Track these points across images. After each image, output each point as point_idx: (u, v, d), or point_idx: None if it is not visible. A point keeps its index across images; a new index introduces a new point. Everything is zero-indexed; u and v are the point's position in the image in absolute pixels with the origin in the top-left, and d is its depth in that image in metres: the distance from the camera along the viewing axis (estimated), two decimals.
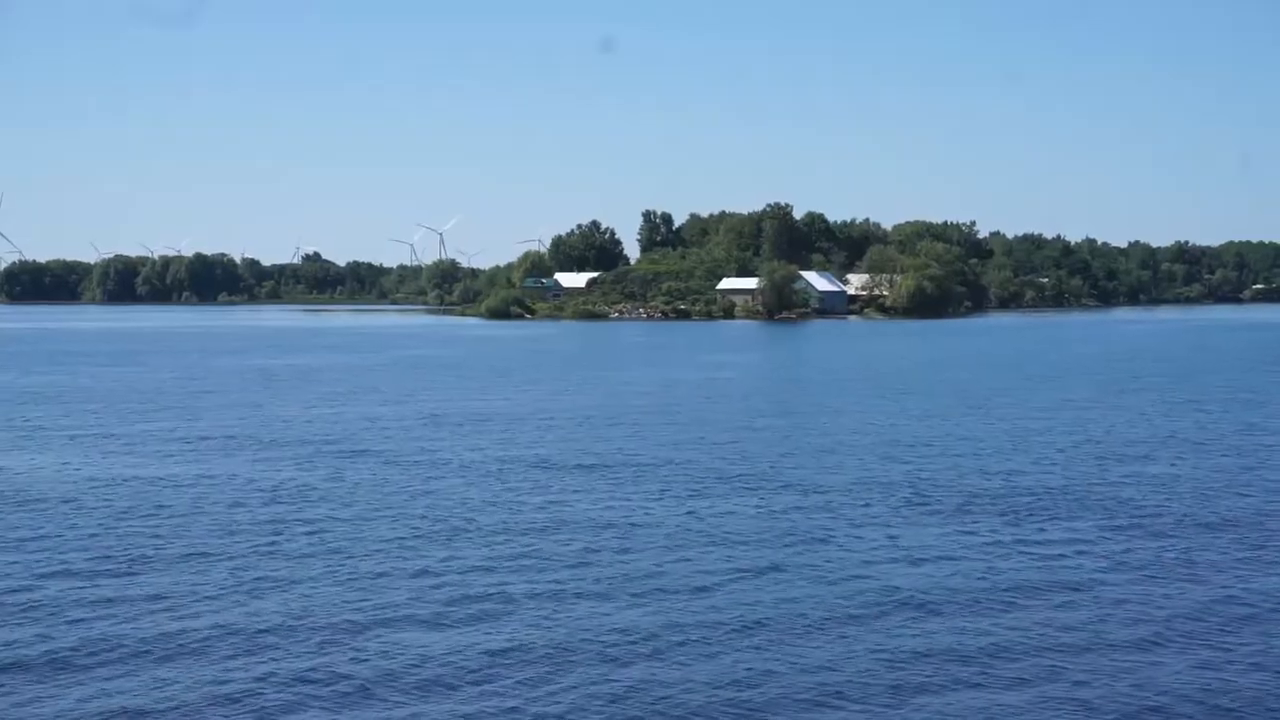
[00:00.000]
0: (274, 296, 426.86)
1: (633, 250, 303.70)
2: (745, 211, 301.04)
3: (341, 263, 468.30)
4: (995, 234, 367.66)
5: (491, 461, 45.28)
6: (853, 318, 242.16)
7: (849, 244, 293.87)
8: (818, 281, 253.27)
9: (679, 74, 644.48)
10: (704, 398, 71.75)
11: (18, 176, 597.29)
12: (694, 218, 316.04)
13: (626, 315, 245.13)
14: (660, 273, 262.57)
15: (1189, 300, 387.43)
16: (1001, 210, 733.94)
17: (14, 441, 51.48)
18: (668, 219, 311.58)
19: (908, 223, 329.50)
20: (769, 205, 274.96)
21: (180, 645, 23.15)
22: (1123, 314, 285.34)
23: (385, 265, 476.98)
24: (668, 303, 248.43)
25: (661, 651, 22.82)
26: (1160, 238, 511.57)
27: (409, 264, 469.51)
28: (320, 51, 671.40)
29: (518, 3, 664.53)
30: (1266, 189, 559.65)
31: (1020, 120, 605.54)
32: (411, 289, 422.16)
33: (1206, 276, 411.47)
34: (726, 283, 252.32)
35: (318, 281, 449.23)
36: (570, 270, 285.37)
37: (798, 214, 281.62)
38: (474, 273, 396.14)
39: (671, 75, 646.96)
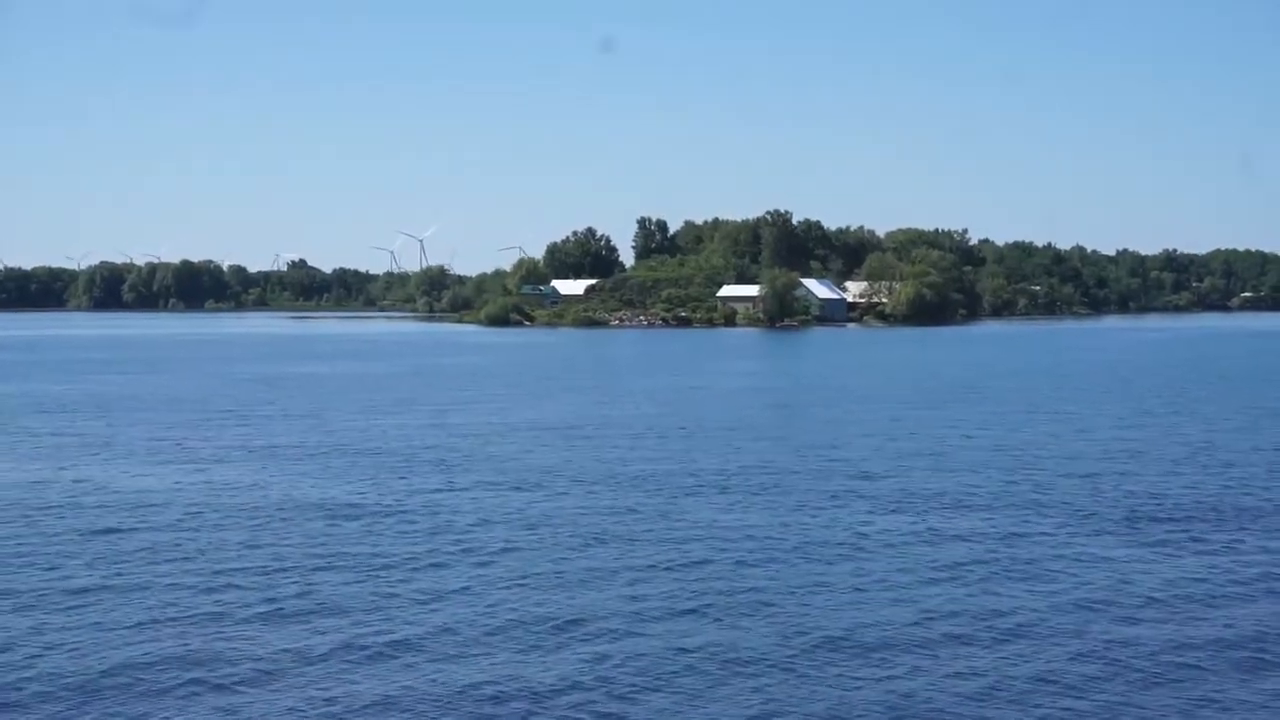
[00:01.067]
0: (260, 303, 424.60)
1: (627, 257, 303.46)
2: (738, 218, 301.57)
3: (327, 270, 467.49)
4: (985, 241, 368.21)
5: (618, 475, 43.86)
6: (852, 325, 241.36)
7: (845, 251, 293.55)
8: (818, 289, 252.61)
9: (669, 78, 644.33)
10: (776, 407, 70.54)
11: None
12: (688, 224, 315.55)
13: (627, 323, 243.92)
14: (659, 280, 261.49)
15: (1178, 308, 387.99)
16: (988, 217, 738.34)
17: (99, 454, 49.95)
18: (663, 225, 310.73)
19: (901, 230, 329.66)
20: (768, 212, 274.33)
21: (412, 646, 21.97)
22: (1117, 322, 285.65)
23: (371, 272, 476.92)
24: (668, 310, 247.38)
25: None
26: (1147, 245, 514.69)
27: (394, 271, 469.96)
28: (301, 57, 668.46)
29: (505, 6, 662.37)
30: (1254, 197, 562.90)
31: (1011, 126, 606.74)
32: (398, 296, 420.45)
33: (1195, 284, 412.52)
34: (727, 290, 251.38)
35: (304, 288, 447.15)
36: (566, 277, 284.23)
37: (792, 221, 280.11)
38: (460, 279, 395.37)
39: (662, 79, 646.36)
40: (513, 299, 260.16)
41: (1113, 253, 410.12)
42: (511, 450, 50.08)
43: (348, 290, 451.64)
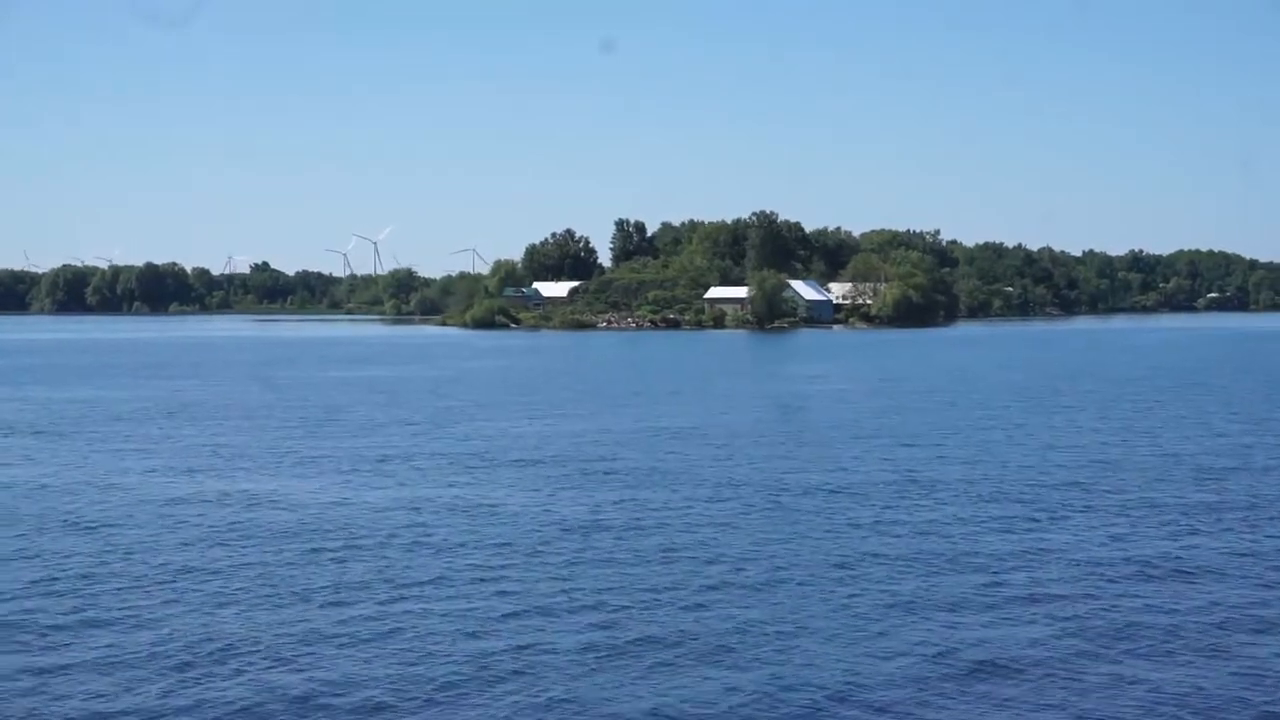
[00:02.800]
0: (225, 306, 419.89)
1: (604, 258, 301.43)
2: (711, 220, 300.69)
3: (290, 272, 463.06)
4: (953, 242, 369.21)
5: (777, 485, 42.20)
6: (838, 327, 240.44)
7: (824, 253, 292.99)
8: (805, 290, 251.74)
9: (634, 81, 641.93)
10: (946, 406, 68.97)
11: None
12: (666, 226, 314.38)
13: (615, 325, 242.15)
14: (644, 282, 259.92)
15: (1146, 309, 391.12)
16: (952, 218, 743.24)
17: (218, 463, 47.73)
18: (640, 227, 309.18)
19: (875, 231, 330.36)
20: (753, 214, 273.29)
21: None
22: (1098, 323, 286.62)
23: (334, 274, 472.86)
24: (655, 312, 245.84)
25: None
26: (1111, 246, 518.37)
27: (355, 274, 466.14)
28: (259, 62, 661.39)
29: (469, 10, 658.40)
30: (1218, 198, 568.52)
31: (975, 126, 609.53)
32: (364, 298, 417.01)
33: (1161, 285, 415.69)
34: (715, 291, 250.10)
35: (267, 291, 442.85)
36: (544, 279, 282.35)
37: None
38: (427, 282, 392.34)
39: (626, 82, 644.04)
40: (498, 302, 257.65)
41: (1079, 253, 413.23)
42: (691, 457, 48.21)
43: (311, 293, 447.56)
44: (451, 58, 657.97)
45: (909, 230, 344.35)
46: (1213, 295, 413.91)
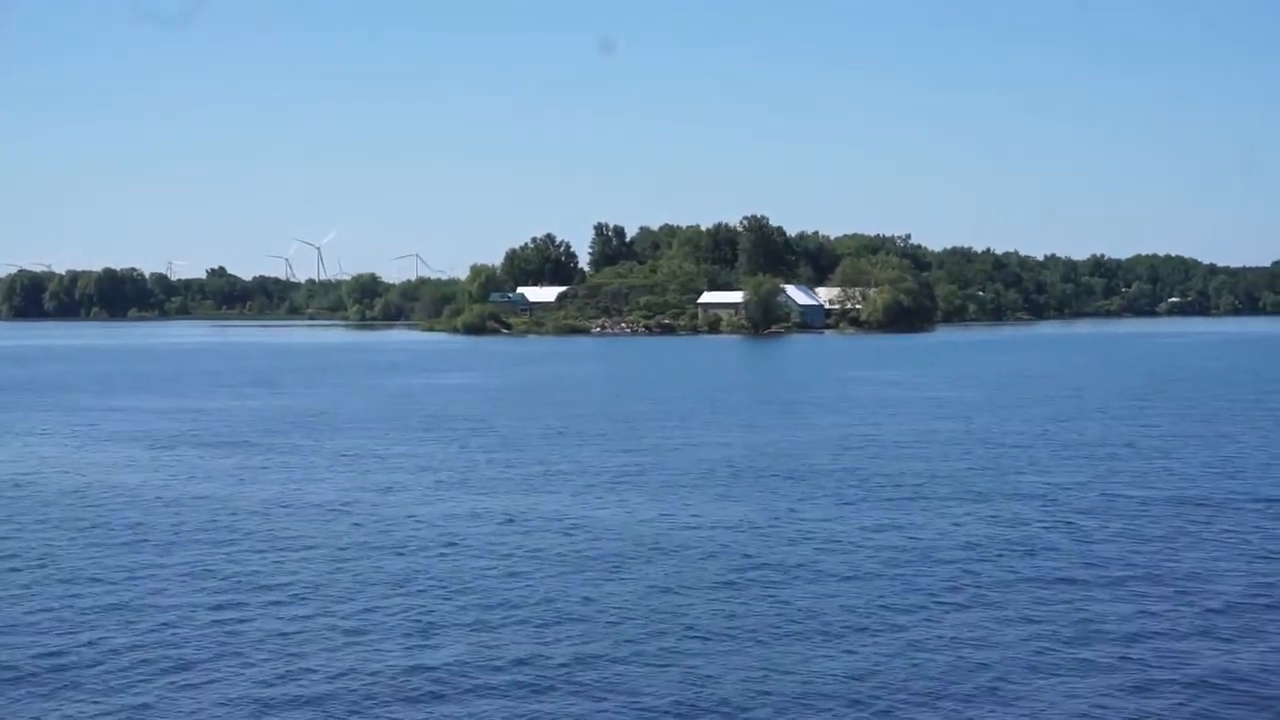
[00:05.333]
0: (183, 312, 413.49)
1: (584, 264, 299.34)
2: (683, 224, 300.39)
3: (247, 277, 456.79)
4: (918, 246, 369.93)
5: (1105, 497, 40.57)
6: (829, 332, 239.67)
7: (806, 257, 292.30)
8: (798, 295, 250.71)
9: (585, 85, 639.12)
10: (1079, 415, 67.48)
11: None
12: (644, 230, 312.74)
13: (609, 330, 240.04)
14: (634, 286, 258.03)
15: (1109, 313, 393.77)
16: (912, 222, 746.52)
17: (452, 479, 45.26)
18: (620, 231, 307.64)
19: (850, 235, 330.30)
20: (745, 218, 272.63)
21: None
22: (1080, 328, 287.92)
23: (293, 279, 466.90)
24: (648, 317, 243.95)
25: None
26: (1070, 250, 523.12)
27: (299, 279, 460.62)
28: (199, 64, 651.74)
29: (424, 18, 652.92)
30: (1171, 204, 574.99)
31: (936, 129, 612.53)
32: (324, 304, 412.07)
33: (1124, 290, 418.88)
34: (708, 296, 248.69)
35: (225, 296, 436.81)
36: (525, 284, 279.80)
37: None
38: (389, 287, 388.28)
39: (578, 86, 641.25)
40: (488, 307, 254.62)
41: (1041, 257, 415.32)
42: (929, 465, 46.37)
43: (270, 298, 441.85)
44: (397, 63, 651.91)
45: (878, 235, 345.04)
46: (1174, 300, 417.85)
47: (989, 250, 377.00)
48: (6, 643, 24.22)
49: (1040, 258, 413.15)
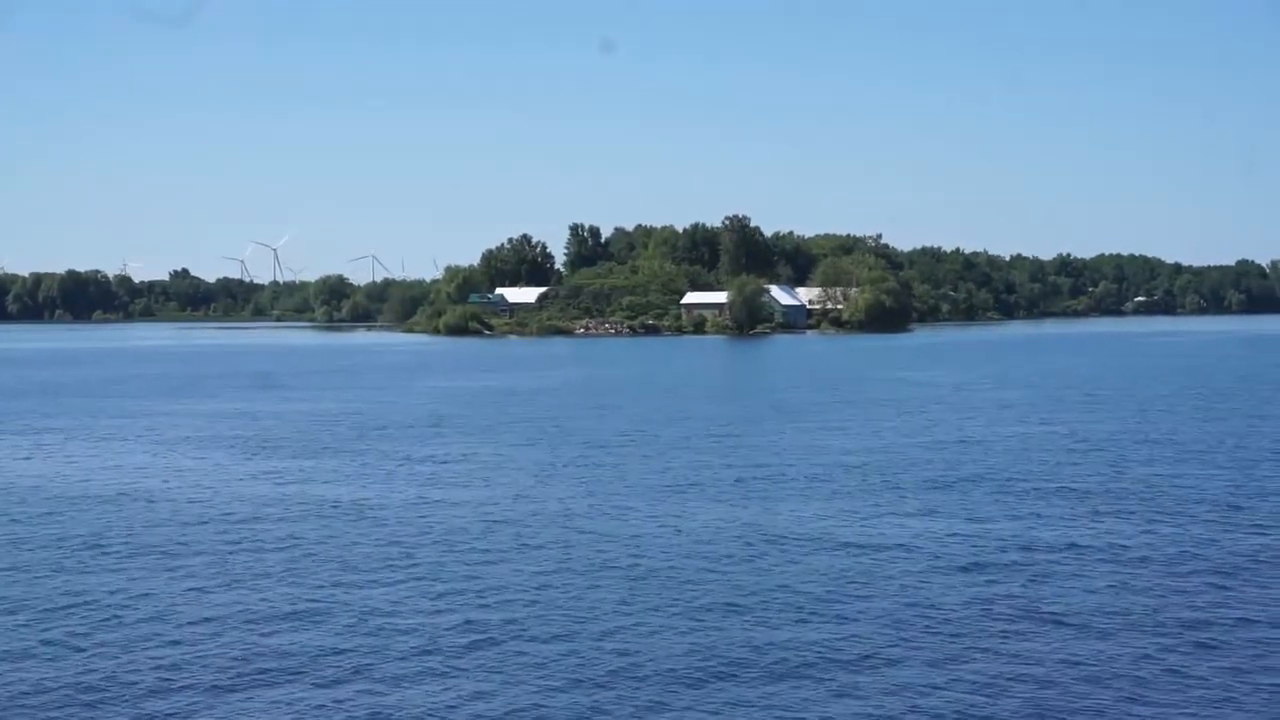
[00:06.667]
0: (147, 314, 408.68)
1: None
2: (656, 225, 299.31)
3: (211, 279, 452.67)
4: (888, 247, 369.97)
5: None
6: (811, 332, 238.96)
7: (783, 257, 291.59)
8: (780, 296, 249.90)
9: (546, 85, 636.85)
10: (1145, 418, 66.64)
11: None
12: (619, 231, 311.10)
13: (593, 331, 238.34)
14: (616, 287, 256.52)
15: (1076, 313, 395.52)
16: (880, 222, 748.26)
17: (638, 489, 43.84)
18: (595, 232, 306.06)
19: (824, 236, 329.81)
20: (727, 218, 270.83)
21: None
22: (1031, 329, 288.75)
23: (252, 281, 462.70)
24: (632, 317, 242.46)
25: None
26: (1034, 249, 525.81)
27: (277, 281, 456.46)
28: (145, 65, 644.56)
29: (387, 20, 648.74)
30: (1134, 202, 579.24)
31: (903, 128, 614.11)
32: (289, 305, 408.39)
33: (1090, 289, 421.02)
34: (691, 297, 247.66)
35: (189, 298, 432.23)
36: (502, 285, 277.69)
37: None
38: (355, 287, 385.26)
39: (539, 87, 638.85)
40: (471, 308, 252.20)
41: (1008, 257, 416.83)
42: (1106, 470, 45.28)
43: (234, 299, 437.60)
44: (361, 66, 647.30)
45: (849, 235, 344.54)
46: (1139, 299, 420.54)
47: (959, 250, 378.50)
48: (219, 648, 22.68)
49: (1007, 257, 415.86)
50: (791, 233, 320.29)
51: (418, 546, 33.02)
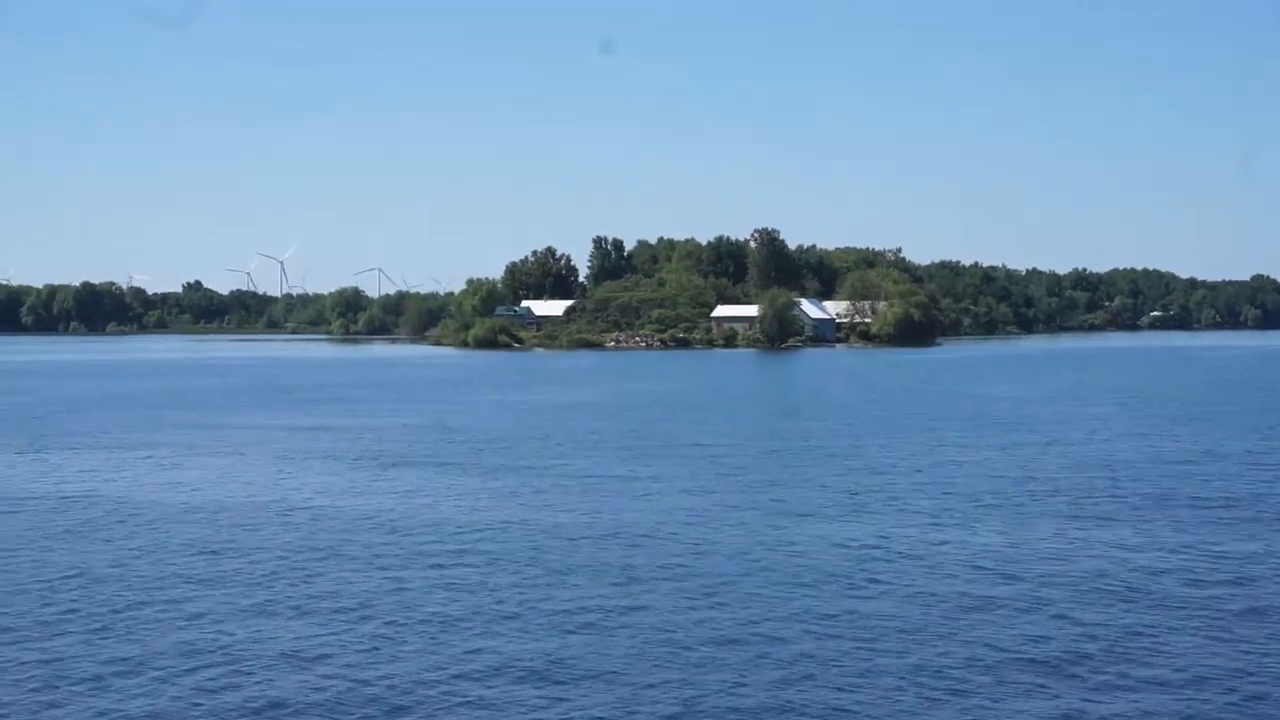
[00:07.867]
0: (161, 326, 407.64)
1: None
2: (669, 239, 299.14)
3: (224, 291, 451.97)
4: (906, 261, 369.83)
5: None
6: (840, 346, 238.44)
7: (809, 270, 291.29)
8: (810, 309, 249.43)
9: (569, 94, 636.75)
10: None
11: None
12: (643, 244, 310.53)
13: (624, 344, 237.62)
14: (644, 300, 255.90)
15: (1093, 327, 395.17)
16: (898, 236, 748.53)
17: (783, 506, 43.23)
18: (619, 245, 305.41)
19: (845, 249, 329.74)
20: (755, 231, 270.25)
21: None
22: (1053, 343, 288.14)
23: (261, 293, 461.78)
24: (661, 330, 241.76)
25: None
26: (1049, 263, 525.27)
27: (281, 293, 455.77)
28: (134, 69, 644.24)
29: (387, 29, 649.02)
30: (1150, 218, 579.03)
31: (912, 143, 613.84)
32: (304, 317, 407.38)
33: (1105, 304, 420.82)
34: (721, 310, 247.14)
35: (203, 311, 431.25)
36: (526, 298, 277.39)
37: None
38: (370, 300, 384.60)
39: (551, 96, 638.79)
40: (500, 321, 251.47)
41: (1024, 270, 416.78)
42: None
43: (247, 312, 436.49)
44: (368, 77, 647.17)
45: (869, 248, 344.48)
46: (1156, 314, 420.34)
47: (977, 264, 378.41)
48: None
49: (1023, 271, 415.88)
50: (814, 246, 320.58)
51: (696, 560, 32.39)
